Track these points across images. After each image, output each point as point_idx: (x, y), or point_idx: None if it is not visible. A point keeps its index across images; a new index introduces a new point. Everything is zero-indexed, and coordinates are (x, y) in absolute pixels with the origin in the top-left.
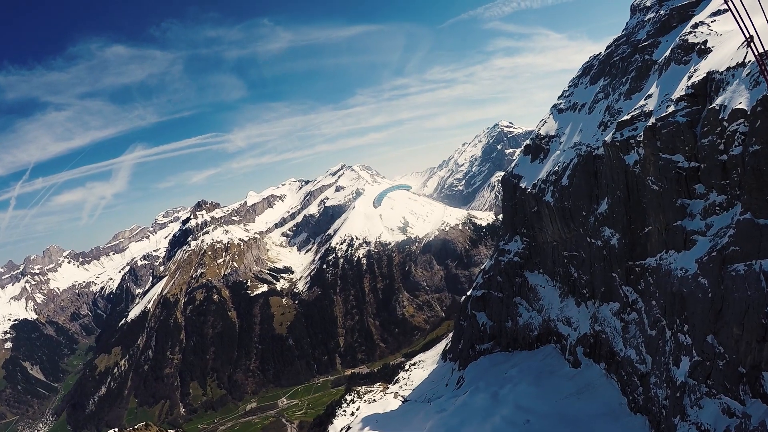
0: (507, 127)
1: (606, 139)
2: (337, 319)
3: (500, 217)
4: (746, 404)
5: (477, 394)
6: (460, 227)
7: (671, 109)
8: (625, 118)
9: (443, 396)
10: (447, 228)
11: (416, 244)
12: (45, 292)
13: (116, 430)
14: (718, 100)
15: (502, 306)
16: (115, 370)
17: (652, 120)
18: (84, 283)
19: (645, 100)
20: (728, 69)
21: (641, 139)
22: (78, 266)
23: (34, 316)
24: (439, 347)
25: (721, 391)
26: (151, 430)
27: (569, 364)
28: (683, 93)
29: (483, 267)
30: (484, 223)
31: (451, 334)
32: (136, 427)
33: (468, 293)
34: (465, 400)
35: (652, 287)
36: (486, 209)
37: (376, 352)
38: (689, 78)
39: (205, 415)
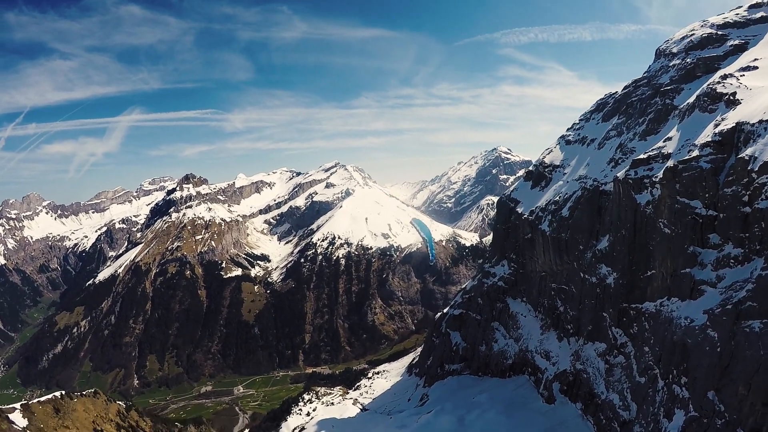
0: (505, 153)
1: (618, 175)
2: (307, 315)
3: (485, 240)
4: None
5: (442, 415)
6: (443, 243)
7: (695, 153)
8: (642, 156)
9: (405, 411)
10: None
11: (397, 253)
12: (18, 238)
13: (63, 392)
14: (748, 151)
15: (478, 329)
16: (75, 329)
17: (672, 162)
18: (58, 237)
19: (664, 142)
20: (760, 122)
21: (658, 179)
22: (55, 218)
23: (2, 261)
24: (406, 360)
25: None
26: (100, 398)
27: (543, 399)
28: (709, 139)
29: (464, 286)
30: (468, 244)
31: (419, 349)
32: (85, 392)
33: (444, 310)
34: (429, 420)
35: (647, 333)
36: (471, 230)
37: (341, 354)
38: (716, 126)
39: (158, 391)
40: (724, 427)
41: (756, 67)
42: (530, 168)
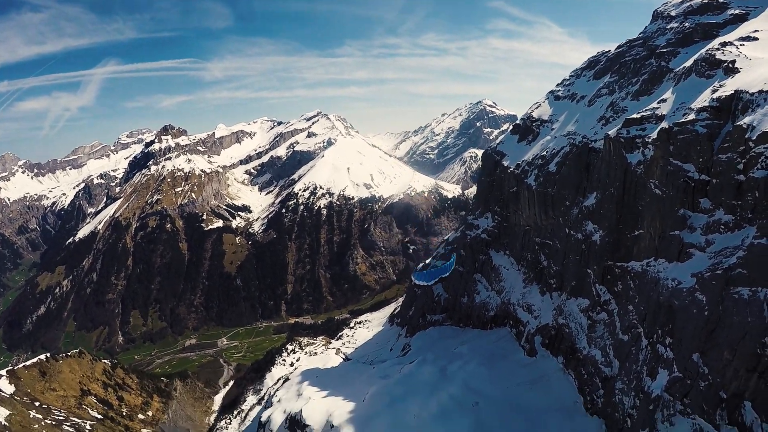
0: (490, 106)
1: (609, 133)
2: (289, 266)
3: (468, 192)
4: (721, 430)
5: (424, 366)
6: (425, 194)
7: (691, 117)
8: (635, 116)
9: (387, 361)
10: (413, 193)
11: (379, 204)
12: None
13: (48, 355)
14: (746, 120)
15: (460, 280)
16: (57, 290)
17: (667, 124)
18: (36, 196)
19: (658, 103)
20: (760, 92)
21: (651, 140)
22: (32, 177)
23: None
24: (387, 310)
25: (696, 412)
26: (85, 358)
27: (524, 352)
28: (706, 104)
29: (446, 238)
30: (450, 195)
31: (401, 299)
32: (70, 353)
33: (427, 261)
34: (411, 370)
35: (631, 291)
36: (454, 182)
37: (323, 304)
38: (713, 92)
39: (142, 346)
40: (707, 390)
41: (756, 38)
42: (517, 121)
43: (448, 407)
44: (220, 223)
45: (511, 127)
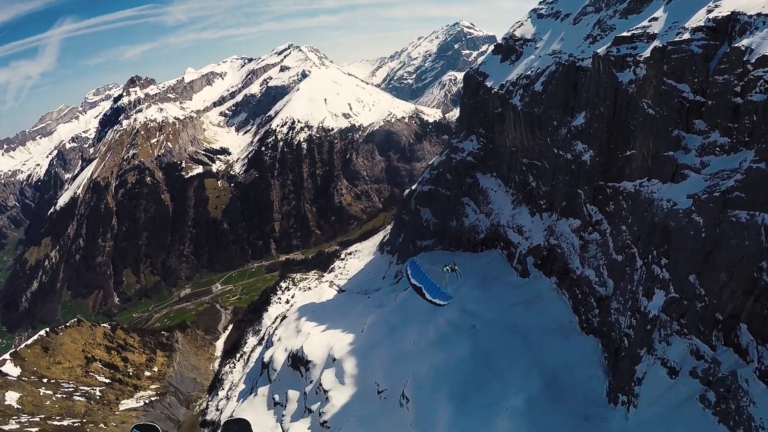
0: (468, 27)
1: (598, 51)
2: (274, 204)
3: (448, 115)
4: (717, 350)
5: None
6: (406, 120)
7: (685, 36)
8: (625, 34)
9: (381, 289)
10: (393, 120)
11: (359, 133)
12: None
13: (47, 329)
14: (744, 42)
15: (448, 204)
16: (46, 262)
17: (660, 42)
18: (10, 172)
19: (649, 22)
20: (759, 15)
21: (643, 58)
22: (2, 154)
23: None
24: (376, 239)
25: (693, 332)
26: (84, 325)
27: (517, 273)
28: (701, 24)
29: (431, 162)
30: (431, 120)
31: (389, 227)
32: (68, 323)
33: (413, 187)
34: (406, 297)
35: (624, 212)
36: (434, 106)
37: (312, 238)
38: (709, 11)
39: (139, 304)
40: (703, 311)
41: None
42: (499, 41)
43: (446, 332)
44: (200, 169)
45: (492, 47)
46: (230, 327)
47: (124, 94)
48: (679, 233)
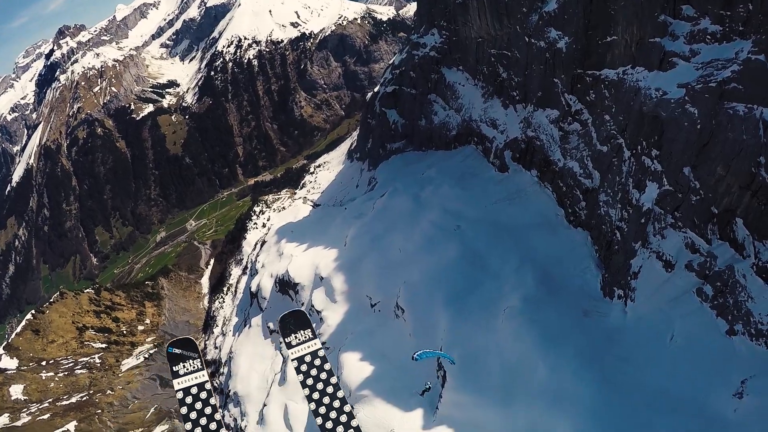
0: None
1: None
2: (233, 128)
3: (403, 11)
4: (712, 244)
5: (396, 196)
6: (358, 22)
7: None
8: None
9: (357, 198)
10: (344, 23)
11: (311, 41)
12: None
13: (33, 312)
14: None
15: (415, 103)
16: (16, 242)
17: None
18: None
19: None
20: None
21: None
22: None
23: None
24: (344, 147)
25: (688, 225)
26: (67, 296)
27: (495, 168)
28: None
29: (392, 62)
30: (384, 18)
31: (355, 133)
32: (52, 300)
33: (375, 89)
34: (385, 204)
35: (607, 101)
36: (385, 4)
37: (277, 157)
38: None
39: (117, 259)
40: (698, 204)
41: None
42: None
43: (432, 235)
44: (150, 108)
45: None
46: (212, 262)
47: (56, 48)
48: (672, 124)
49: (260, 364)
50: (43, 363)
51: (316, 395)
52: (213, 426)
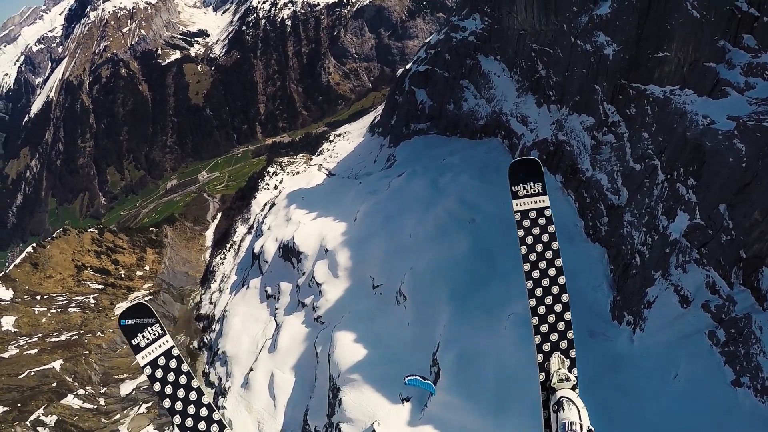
0: None
1: None
2: (258, 85)
3: None
4: (734, 288)
5: (414, 179)
6: None
7: None
8: None
9: (373, 174)
10: None
11: (348, 8)
12: None
13: (34, 245)
14: None
15: (446, 86)
16: (27, 173)
17: None
18: None
19: None
20: None
21: None
22: None
23: None
24: (366, 120)
25: (712, 264)
26: (70, 234)
27: None
28: None
29: (428, 41)
30: None
31: (380, 108)
32: (54, 235)
33: (407, 66)
34: (401, 184)
35: (648, 118)
36: None
37: (299, 120)
38: None
39: (126, 201)
40: (728, 245)
41: None
42: None
43: (446, 224)
44: (177, 55)
45: None
46: (219, 216)
47: None
48: (716, 156)
49: (253, 327)
50: (38, 297)
51: None
52: (193, 395)
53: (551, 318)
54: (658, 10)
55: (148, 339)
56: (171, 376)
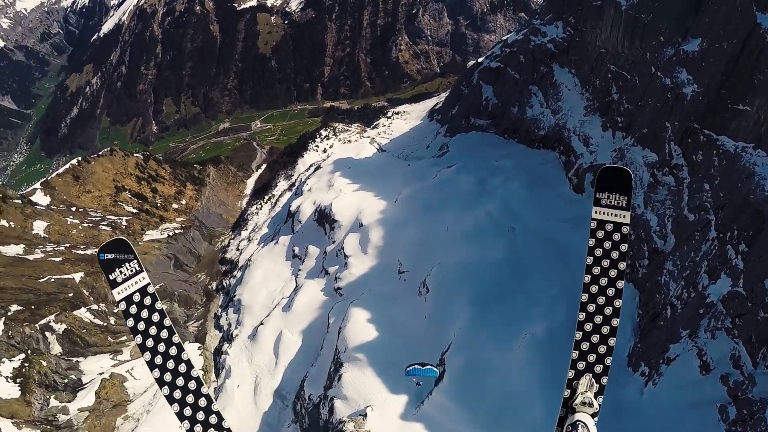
0: None
1: None
2: (327, 48)
3: None
4: (758, 369)
5: (463, 174)
6: None
7: None
8: None
9: (423, 159)
10: None
11: None
12: (11, 15)
13: (79, 158)
14: None
15: (515, 88)
16: (87, 89)
17: None
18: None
19: None
20: None
21: None
22: None
23: (1, 44)
24: (428, 104)
25: (743, 338)
26: (117, 154)
27: (570, 185)
28: None
29: (504, 38)
30: None
31: (444, 95)
32: (101, 152)
33: (480, 59)
34: (449, 176)
35: (713, 170)
36: None
37: (361, 90)
38: None
39: (177, 133)
40: (763, 322)
41: None
42: None
43: (484, 226)
44: (254, 2)
45: None
46: (263, 167)
47: None
48: None
49: (273, 283)
50: (73, 209)
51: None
52: (164, 334)
53: (595, 338)
54: (748, 60)
55: (125, 274)
56: (144, 313)
